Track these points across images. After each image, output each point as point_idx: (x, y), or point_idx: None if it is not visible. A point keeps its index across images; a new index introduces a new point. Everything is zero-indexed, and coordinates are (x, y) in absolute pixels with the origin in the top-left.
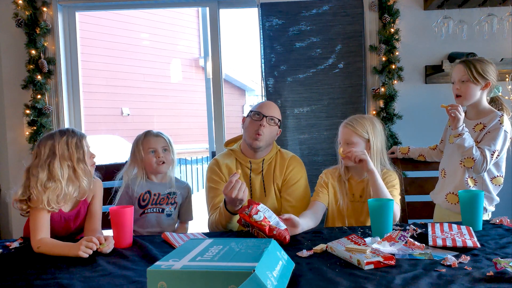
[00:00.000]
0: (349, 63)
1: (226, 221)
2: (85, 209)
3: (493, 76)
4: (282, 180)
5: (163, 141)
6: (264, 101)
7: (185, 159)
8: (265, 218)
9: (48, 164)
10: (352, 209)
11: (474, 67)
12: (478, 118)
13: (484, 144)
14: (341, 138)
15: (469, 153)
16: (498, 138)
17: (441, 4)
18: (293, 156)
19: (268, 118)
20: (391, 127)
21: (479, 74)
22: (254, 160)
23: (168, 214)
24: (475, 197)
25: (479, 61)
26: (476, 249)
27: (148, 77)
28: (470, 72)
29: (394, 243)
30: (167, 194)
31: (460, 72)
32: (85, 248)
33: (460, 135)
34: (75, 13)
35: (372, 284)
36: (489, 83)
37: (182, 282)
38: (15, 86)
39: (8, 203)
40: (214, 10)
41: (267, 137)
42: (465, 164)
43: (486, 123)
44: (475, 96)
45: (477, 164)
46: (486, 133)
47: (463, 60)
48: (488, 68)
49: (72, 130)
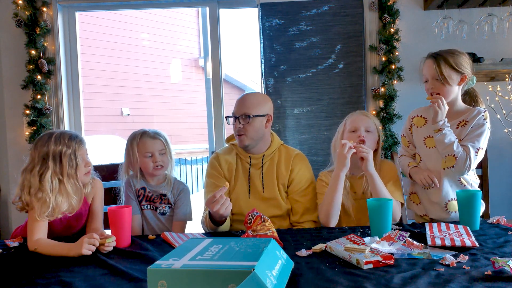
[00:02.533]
0: (349, 63)
1: (212, 227)
2: (86, 210)
3: (468, 68)
4: (289, 180)
5: (160, 143)
6: (241, 96)
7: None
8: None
9: (40, 174)
10: (358, 207)
11: (446, 62)
12: (455, 118)
13: (467, 141)
14: (360, 124)
15: (450, 150)
16: (482, 135)
17: (441, 4)
18: (298, 153)
19: (240, 118)
20: (391, 127)
21: (452, 68)
22: (253, 155)
23: (162, 213)
24: (472, 197)
25: (451, 54)
26: (474, 248)
27: (148, 77)
28: (442, 68)
29: (393, 243)
30: (160, 195)
31: (431, 68)
32: (88, 246)
33: (440, 131)
34: (75, 13)
35: (371, 284)
36: (465, 76)
37: (182, 281)
38: (15, 86)
39: (8, 203)
40: (214, 10)
41: (251, 134)
42: (446, 164)
43: (468, 119)
44: (453, 93)
45: (459, 162)
46: (470, 129)
47: (433, 55)
48: (462, 60)
49: (69, 138)
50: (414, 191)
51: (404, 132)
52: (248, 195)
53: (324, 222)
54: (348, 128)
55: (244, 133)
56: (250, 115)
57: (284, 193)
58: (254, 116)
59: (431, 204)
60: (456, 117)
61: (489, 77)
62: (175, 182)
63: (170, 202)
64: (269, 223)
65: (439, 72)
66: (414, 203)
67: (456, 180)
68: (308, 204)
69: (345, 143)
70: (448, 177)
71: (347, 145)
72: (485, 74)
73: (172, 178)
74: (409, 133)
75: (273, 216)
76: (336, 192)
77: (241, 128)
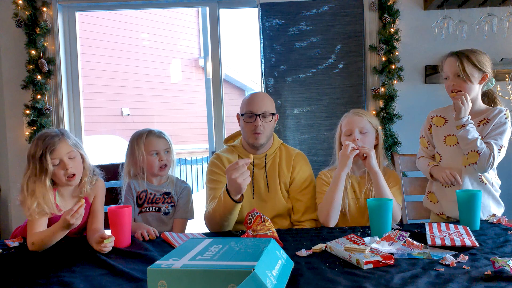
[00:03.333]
0: (349, 63)
1: (225, 208)
2: (87, 210)
3: (489, 67)
4: (290, 179)
5: (165, 142)
6: (252, 95)
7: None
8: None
9: (24, 174)
10: (357, 208)
11: (468, 59)
12: (476, 116)
13: (490, 138)
14: (354, 126)
15: (473, 146)
16: (504, 133)
17: (441, 4)
18: (299, 153)
19: (261, 116)
20: (391, 127)
21: (475, 66)
22: (256, 155)
23: (166, 213)
24: (472, 196)
25: (473, 52)
26: (474, 248)
27: (148, 77)
28: (464, 66)
29: (393, 243)
30: (163, 194)
31: (453, 65)
32: (68, 214)
33: (464, 127)
34: (75, 13)
35: (371, 284)
36: (486, 75)
37: (182, 281)
38: (15, 86)
39: (8, 203)
40: (214, 10)
41: (268, 132)
42: (469, 160)
43: (490, 117)
44: (474, 91)
45: (482, 158)
46: (492, 127)
47: (456, 52)
48: (483, 59)
49: (45, 138)
50: (432, 190)
51: (423, 133)
52: (252, 196)
53: (324, 221)
54: (344, 131)
55: (262, 132)
56: (272, 113)
57: (285, 192)
58: (273, 114)
59: (449, 203)
60: (477, 115)
61: None
62: (177, 181)
63: (173, 201)
64: (269, 223)
65: (461, 69)
66: (432, 201)
67: (477, 178)
68: (309, 202)
69: (348, 144)
70: (469, 175)
71: (350, 145)
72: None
73: (174, 178)
74: (428, 134)
75: (275, 215)
76: (337, 192)
77: (261, 126)
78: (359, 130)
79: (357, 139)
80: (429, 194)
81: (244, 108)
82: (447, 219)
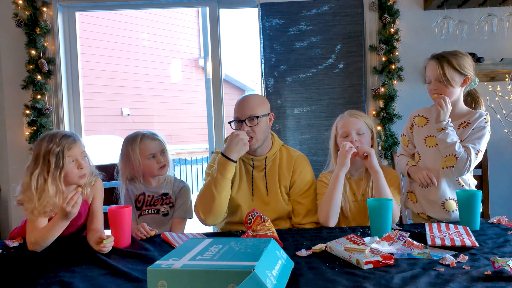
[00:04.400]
0: (349, 63)
1: (220, 173)
2: (86, 210)
3: (471, 69)
4: (291, 182)
5: (159, 143)
6: (238, 100)
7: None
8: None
9: (31, 172)
10: (357, 210)
11: (449, 64)
12: (457, 119)
13: (468, 142)
14: (351, 128)
15: (451, 150)
16: (483, 138)
17: (441, 4)
18: (300, 155)
19: (247, 121)
20: (391, 127)
21: (456, 70)
22: (256, 157)
23: (164, 214)
24: (472, 197)
25: (454, 56)
26: (474, 248)
27: (148, 77)
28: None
29: (393, 243)
30: (161, 195)
31: (434, 70)
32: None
33: (443, 130)
34: (75, 13)
35: (371, 284)
36: (468, 78)
37: (182, 281)
38: (15, 86)
39: (8, 203)
40: (214, 10)
41: (259, 135)
42: (446, 163)
43: (470, 121)
44: (455, 94)
45: (459, 162)
46: (471, 131)
47: (437, 56)
48: (465, 61)
49: (62, 137)
50: (412, 190)
51: (405, 132)
52: (251, 199)
53: (324, 221)
54: (340, 133)
55: (252, 136)
56: (258, 115)
57: (285, 195)
58: (261, 116)
59: (428, 203)
60: (458, 118)
61: (489, 77)
62: (175, 180)
63: (172, 202)
64: (269, 223)
65: (442, 74)
66: (412, 201)
67: (454, 180)
68: (310, 205)
69: (346, 143)
70: (446, 176)
71: (348, 145)
72: (485, 74)
73: (172, 177)
74: (409, 133)
75: (275, 218)
76: (336, 191)
77: (249, 131)
78: (356, 131)
79: (355, 141)
80: (409, 193)
81: (233, 115)
82: (428, 218)
